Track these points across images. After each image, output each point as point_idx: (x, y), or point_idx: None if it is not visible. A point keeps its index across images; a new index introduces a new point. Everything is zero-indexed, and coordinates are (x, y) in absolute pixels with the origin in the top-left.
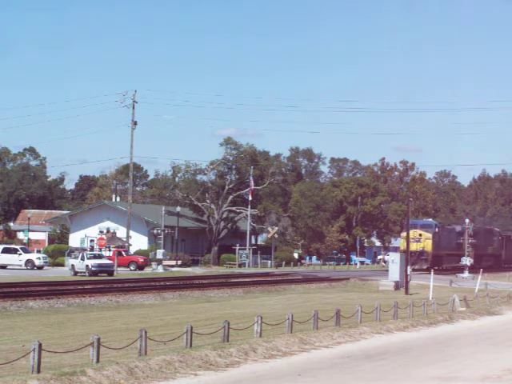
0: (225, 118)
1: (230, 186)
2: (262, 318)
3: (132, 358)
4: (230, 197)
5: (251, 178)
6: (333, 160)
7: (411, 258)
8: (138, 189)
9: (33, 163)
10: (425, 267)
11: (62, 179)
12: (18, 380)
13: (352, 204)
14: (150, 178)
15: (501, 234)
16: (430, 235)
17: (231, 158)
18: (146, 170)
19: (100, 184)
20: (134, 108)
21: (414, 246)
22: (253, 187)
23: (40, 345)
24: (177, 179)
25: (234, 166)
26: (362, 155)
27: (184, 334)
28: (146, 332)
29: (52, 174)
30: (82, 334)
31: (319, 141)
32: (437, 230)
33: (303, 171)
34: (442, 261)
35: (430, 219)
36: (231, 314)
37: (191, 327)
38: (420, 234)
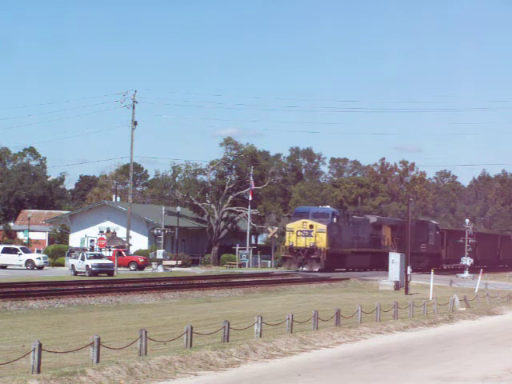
0: (225, 117)
1: (230, 186)
2: (262, 318)
3: (132, 358)
4: (230, 197)
5: (251, 178)
6: (333, 160)
7: (297, 257)
8: (138, 189)
9: (33, 163)
10: (316, 269)
11: (62, 179)
12: (18, 380)
13: (352, 204)
14: (150, 178)
15: (439, 228)
16: (323, 227)
17: (231, 158)
18: (146, 170)
19: (100, 184)
20: (134, 108)
21: (301, 242)
22: (253, 187)
23: (40, 345)
24: (177, 179)
25: (234, 166)
26: (362, 155)
27: (184, 334)
28: (146, 332)
29: (52, 173)
30: (82, 334)
31: (319, 141)
32: (335, 220)
33: (303, 171)
34: (344, 260)
35: (328, 206)
36: (231, 314)
37: (191, 327)
38: (311, 226)
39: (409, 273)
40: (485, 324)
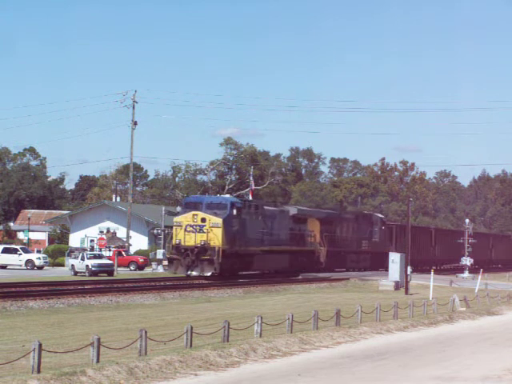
0: (225, 118)
1: (230, 186)
2: (262, 318)
3: (132, 358)
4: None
5: (251, 177)
6: (333, 160)
7: (185, 259)
8: (138, 189)
9: (33, 163)
10: (209, 273)
11: (62, 179)
12: (18, 380)
13: (352, 204)
14: (150, 178)
15: (385, 223)
16: (219, 220)
17: (231, 158)
18: (146, 170)
19: (100, 184)
20: (134, 108)
21: (191, 239)
22: (253, 187)
23: (40, 345)
24: (177, 179)
25: (234, 166)
26: (362, 155)
27: (184, 334)
28: (146, 332)
29: (52, 173)
30: (82, 334)
31: (319, 141)
32: (235, 211)
33: (303, 171)
34: (250, 262)
35: (227, 195)
36: (231, 314)
37: (191, 327)
38: (203, 219)
39: (409, 273)
40: (485, 324)
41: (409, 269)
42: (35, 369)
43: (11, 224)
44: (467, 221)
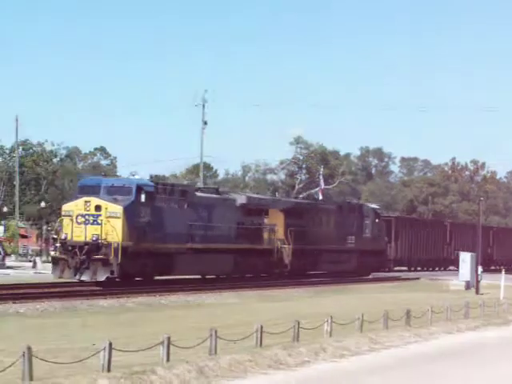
0: (296, 116)
1: (300, 186)
2: (332, 317)
3: (202, 357)
4: (300, 196)
5: (321, 177)
6: (403, 159)
7: (73, 259)
8: None
9: (103, 162)
10: (103, 278)
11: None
12: (89, 378)
13: (423, 203)
14: (220, 178)
15: (380, 215)
16: (119, 209)
17: (301, 157)
18: (216, 170)
19: None
20: (204, 108)
21: (81, 233)
22: (323, 186)
23: (110, 344)
24: (247, 178)
25: (304, 166)
26: (432, 154)
27: (254, 333)
28: (216, 331)
29: (122, 173)
30: (151, 333)
31: (389, 139)
32: (143, 198)
33: (373, 170)
34: (170, 264)
35: (136, 176)
36: (299, 313)
37: (261, 326)
38: (98, 207)
39: (479, 272)
40: None
41: (479, 268)
42: (105, 367)
43: None
44: None
